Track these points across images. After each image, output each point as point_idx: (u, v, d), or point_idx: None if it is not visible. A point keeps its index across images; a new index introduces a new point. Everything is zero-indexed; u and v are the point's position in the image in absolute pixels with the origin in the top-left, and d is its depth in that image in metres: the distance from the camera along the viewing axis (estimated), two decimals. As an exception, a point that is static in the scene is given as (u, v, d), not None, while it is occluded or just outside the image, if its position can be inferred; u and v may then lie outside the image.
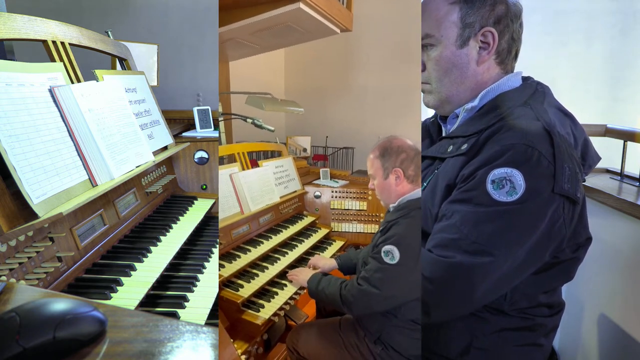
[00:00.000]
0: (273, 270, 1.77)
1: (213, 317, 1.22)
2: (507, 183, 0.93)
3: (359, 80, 5.82)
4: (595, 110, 4.03)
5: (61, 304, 0.64)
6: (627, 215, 1.74)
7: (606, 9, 3.92)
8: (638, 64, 3.97)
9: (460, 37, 1.09)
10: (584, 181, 1.09)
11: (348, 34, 2.95)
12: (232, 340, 0.84)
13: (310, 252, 2.10)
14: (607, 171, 2.17)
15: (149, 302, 1.24)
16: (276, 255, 1.91)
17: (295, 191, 2.44)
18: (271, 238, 2.01)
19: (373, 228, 2.48)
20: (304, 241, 2.15)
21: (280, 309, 1.57)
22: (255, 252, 1.82)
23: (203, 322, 1.18)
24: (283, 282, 1.75)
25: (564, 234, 0.99)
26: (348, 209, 2.52)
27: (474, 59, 1.11)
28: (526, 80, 1.18)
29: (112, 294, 1.15)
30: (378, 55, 5.61)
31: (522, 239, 0.95)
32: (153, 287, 1.25)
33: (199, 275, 1.43)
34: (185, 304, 1.25)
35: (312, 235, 2.25)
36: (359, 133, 5.79)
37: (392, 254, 1.30)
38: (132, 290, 1.19)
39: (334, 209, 2.53)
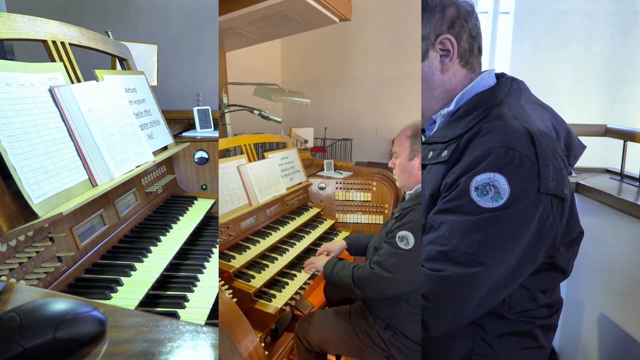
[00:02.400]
0: (282, 260, 1.81)
1: (213, 317, 1.22)
2: (491, 188, 0.92)
3: (358, 71, 5.83)
4: (595, 110, 4.04)
5: (61, 304, 0.64)
6: (627, 215, 1.74)
7: (606, 9, 3.92)
8: (638, 64, 3.97)
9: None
10: (571, 174, 1.08)
11: (346, 24, 2.93)
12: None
13: (317, 242, 2.14)
14: (607, 171, 2.17)
15: (149, 302, 1.24)
16: (284, 247, 1.95)
17: (301, 183, 2.47)
18: (279, 229, 2.04)
19: (377, 219, 2.52)
20: (310, 232, 2.18)
21: (291, 298, 1.62)
22: (264, 244, 1.86)
23: (203, 322, 1.18)
24: (293, 272, 1.79)
25: (556, 233, 0.98)
26: (352, 200, 2.55)
27: (438, 68, 1.10)
28: (500, 77, 1.16)
29: (112, 294, 1.15)
30: (377, 46, 5.62)
31: (512, 243, 0.94)
32: (153, 287, 1.25)
33: (199, 275, 1.43)
34: (185, 304, 1.25)
35: (318, 226, 2.29)
36: (357, 124, 5.81)
37: (407, 239, 1.32)
38: (132, 290, 1.19)
39: (338, 200, 2.56)
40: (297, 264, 1.87)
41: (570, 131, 1.14)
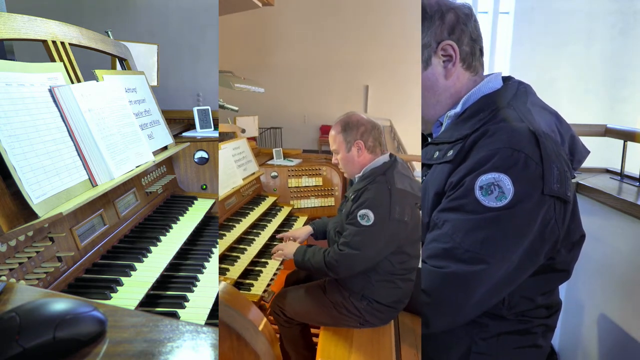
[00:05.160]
0: (252, 250, 1.86)
1: (213, 317, 1.22)
2: (495, 188, 0.93)
3: (282, 58, 5.77)
4: (595, 110, 4.04)
5: (61, 304, 0.64)
6: (627, 215, 1.74)
7: (606, 9, 3.93)
8: (638, 64, 3.97)
9: (421, 60, 1.10)
10: (574, 178, 1.09)
11: (269, 9, 2.88)
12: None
13: (279, 230, 2.21)
14: (607, 171, 2.17)
15: (149, 302, 1.24)
16: (250, 237, 2.00)
17: (254, 173, 2.48)
18: (241, 221, 2.07)
19: (329, 201, 2.65)
20: (271, 220, 2.25)
21: (268, 284, 1.69)
22: (230, 237, 1.89)
23: (203, 322, 1.18)
24: (263, 260, 1.86)
25: (558, 235, 0.99)
26: (305, 186, 2.66)
27: (441, 74, 1.11)
28: (507, 80, 1.17)
29: (112, 294, 1.15)
30: (301, 32, 5.57)
31: (515, 243, 0.94)
32: (153, 287, 1.25)
33: (199, 275, 1.43)
34: (185, 304, 1.25)
35: (277, 214, 2.37)
36: (285, 112, 5.79)
37: (367, 216, 1.44)
38: (132, 290, 1.19)
39: (291, 187, 2.64)
40: (265, 252, 1.93)
41: (574, 136, 1.14)
